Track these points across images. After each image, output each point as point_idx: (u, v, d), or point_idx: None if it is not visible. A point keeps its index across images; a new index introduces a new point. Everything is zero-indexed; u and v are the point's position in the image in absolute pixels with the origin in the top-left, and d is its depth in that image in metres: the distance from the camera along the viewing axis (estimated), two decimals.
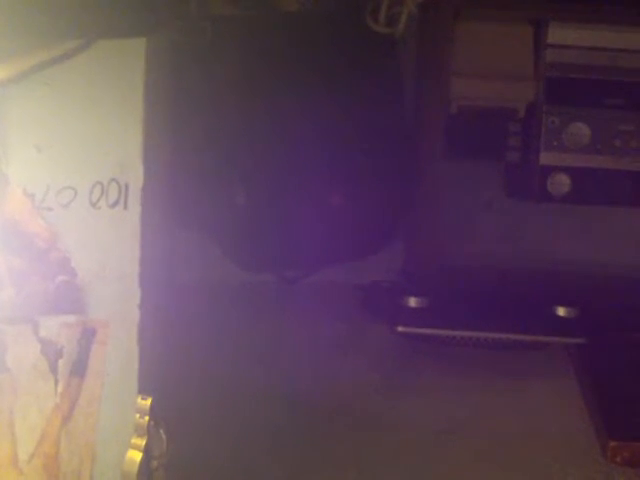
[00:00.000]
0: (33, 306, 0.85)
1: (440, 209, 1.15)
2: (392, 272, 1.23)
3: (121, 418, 0.84)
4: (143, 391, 0.84)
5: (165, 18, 0.95)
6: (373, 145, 1.11)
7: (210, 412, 1.02)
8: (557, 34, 1.12)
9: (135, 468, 0.81)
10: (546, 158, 1.12)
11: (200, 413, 1.00)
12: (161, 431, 0.83)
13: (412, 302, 1.15)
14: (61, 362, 0.85)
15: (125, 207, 0.86)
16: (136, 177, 0.86)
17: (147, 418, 0.82)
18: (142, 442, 0.81)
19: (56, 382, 0.85)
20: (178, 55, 1.05)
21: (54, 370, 0.85)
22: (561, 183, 1.12)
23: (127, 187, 0.86)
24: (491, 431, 1.04)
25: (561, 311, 1.15)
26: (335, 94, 1.09)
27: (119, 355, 0.85)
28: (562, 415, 1.07)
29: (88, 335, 0.85)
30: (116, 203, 0.86)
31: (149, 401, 0.82)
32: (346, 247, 1.15)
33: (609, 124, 1.12)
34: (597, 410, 1.04)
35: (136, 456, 0.81)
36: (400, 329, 1.13)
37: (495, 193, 1.19)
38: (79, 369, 0.85)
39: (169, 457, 0.83)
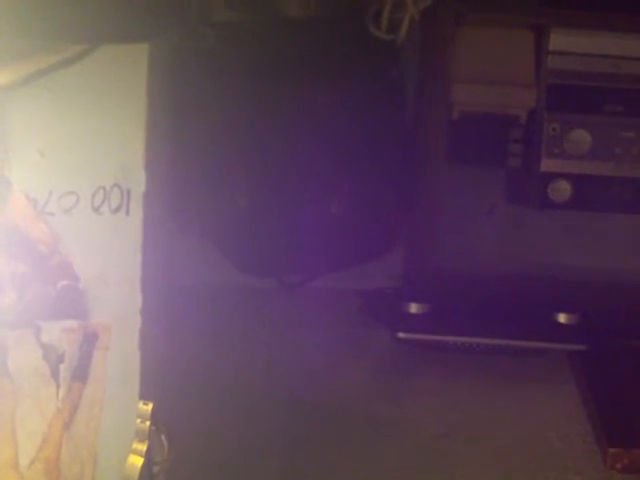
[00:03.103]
0: (35, 311, 0.85)
1: (441, 215, 1.16)
2: (393, 278, 1.23)
3: (122, 423, 0.84)
4: (144, 396, 0.84)
5: (167, 24, 0.94)
6: (375, 151, 1.11)
7: (211, 417, 1.02)
8: (558, 41, 1.12)
9: (136, 473, 0.81)
10: (547, 165, 1.12)
11: (201, 418, 1.00)
12: (162, 436, 0.83)
13: (413, 308, 1.15)
14: (62, 367, 0.85)
15: (127, 213, 0.86)
16: (138, 182, 0.86)
17: (148, 423, 0.82)
18: (143, 447, 0.81)
19: (57, 387, 0.85)
20: (180, 61, 1.05)
21: (56, 375, 0.85)
22: (562, 190, 1.12)
23: (129, 192, 0.86)
24: (491, 437, 1.04)
25: (562, 318, 1.15)
26: (337, 100, 1.09)
27: (120, 360, 0.85)
28: (562, 422, 1.08)
29: (90, 340, 0.85)
30: (118, 209, 0.86)
31: (150, 406, 0.82)
32: (347, 252, 1.15)
33: (610, 131, 1.12)
34: (597, 417, 1.05)
35: (137, 461, 0.81)
36: (401, 335, 1.13)
37: (496, 199, 1.20)
38: (81, 374, 0.85)
39: (170, 462, 0.83)
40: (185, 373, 1.03)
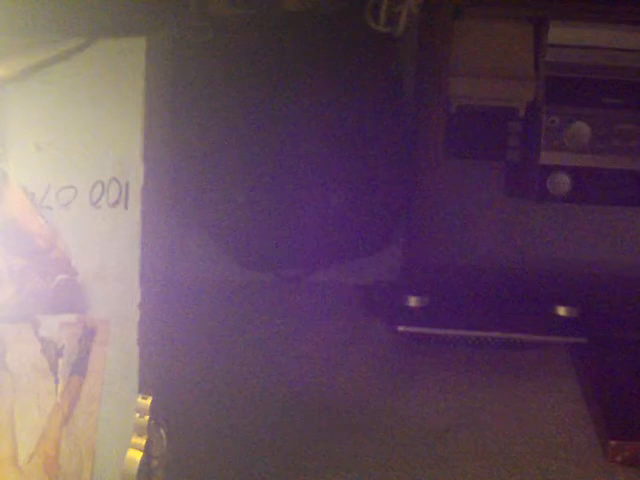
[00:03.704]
0: (33, 305, 0.84)
1: (440, 209, 1.16)
2: (392, 272, 1.23)
3: (121, 417, 0.84)
4: (143, 390, 0.84)
5: (165, 17, 0.94)
6: (374, 144, 1.11)
7: (210, 411, 1.02)
8: (558, 33, 1.12)
9: (135, 467, 0.80)
10: (546, 158, 1.12)
11: (200, 412, 1.00)
12: (161, 430, 0.82)
13: (413, 302, 1.15)
14: (61, 361, 0.85)
15: (126, 206, 0.85)
16: (137, 176, 0.86)
17: (147, 417, 0.81)
18: (142, 441, 0.81)
19: (56, 381, 0.84)
20: (178, 54, 1.05)
21: (54, 369, 0.85)
22: (561, 183, 1.12)
23: (128, 186, 0.86)
24: (491, 430, 1.04)
25: (562, 311, 1.15)
26: (335, 93, 1.09)
27: (119, 354, 0.85)
28: (562, 414, 1.07)
29: (88, 334, 0.85)
30: (117, 202, 0.85)
31: (149, 400, 0.81)
32: (346, 246, 1.15)
33: (609, 123, 1.12)
34: (598, 409, 1.04)
35: (136, 455, 0.81)
36: (401, 329, 1.13)
37: (495, 193, 1.20)
38: (79, 368, 0.85)
39: (169, 456, 0.83)
40: (184, 367, 1.03)
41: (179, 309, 1.03)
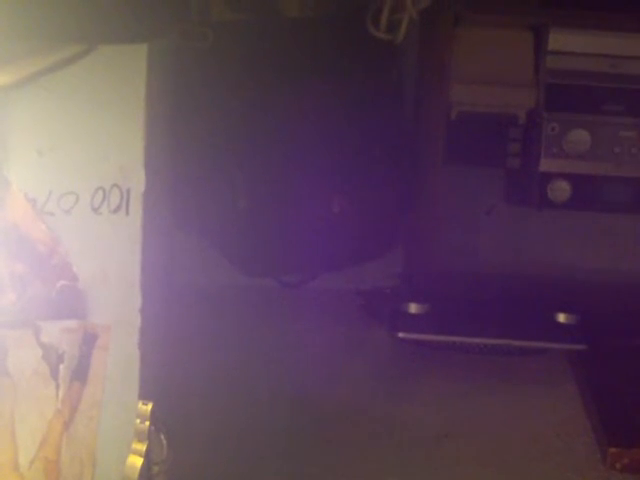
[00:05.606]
0: (34, 311, 0.85)
1: (441, 215, 1.16)
2: (392, 278, 1.23)
3: (122, 423, 0.84)
4: (144, 396, 0.84)
5: (166, 23, 0.95)
6: (374, 151, 1.11)
7: (211, 417, 1.02)
8: (558, 40, 1.12)
9: (136, 473, 0.80)
10: (546, 165, 1.12)
11: (201, 418, 1.00)
12: (162, 436, 0.82)
13: (413, 308, 1.15)
14: (62, 367, 0.85)
15: (127, 212, 0.86)
16: (138, 182, 0.86)
17: (148, 423, 0.81)
18: (143, 447, 0.81)
19: (57, 387, 0.85)
20: (179, 60, 1.05)
21: (55, 375, 0.85)
22: (561, 190, 1.12)
23: (129, 192, 0.86)
24: (490, 437, 1.04)
25: (561, 317, 1.15)
26: (335, 100, 1.09)
27: (120, 360, 0.85)
28: (561, 421, 1.07)
29: (89, 340, 0.85)
30: (118, 208, 0.86)
31: (150, 406, 0.82)
32: (347, 252, 1.15)
33: (609, 131, 1.12)
34: (597, 416, 1.05)
35: (137, 461, 0.81)
36: (401, 335, 1.13)
37: (495, 200, 1.20)
38: (80, 374, 0.85)
39: (170, 462, 0.83)
40: (185, 373, 1.03)
41: (180, 314, 1.03)
